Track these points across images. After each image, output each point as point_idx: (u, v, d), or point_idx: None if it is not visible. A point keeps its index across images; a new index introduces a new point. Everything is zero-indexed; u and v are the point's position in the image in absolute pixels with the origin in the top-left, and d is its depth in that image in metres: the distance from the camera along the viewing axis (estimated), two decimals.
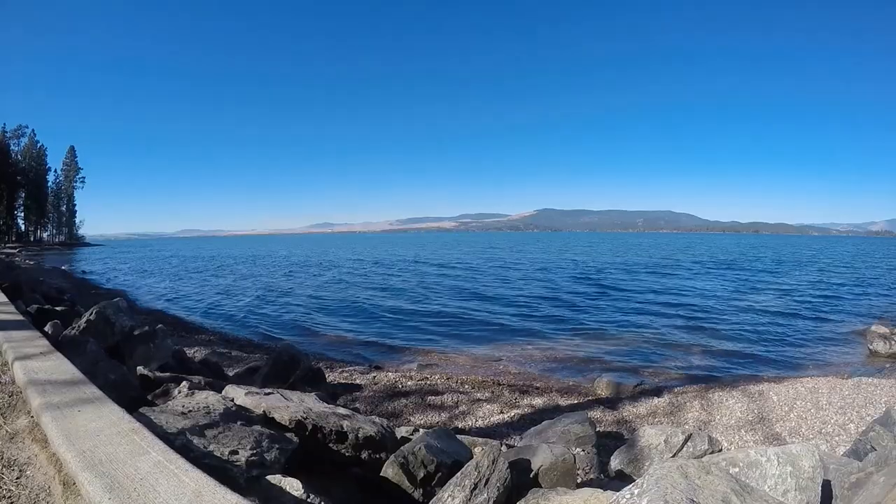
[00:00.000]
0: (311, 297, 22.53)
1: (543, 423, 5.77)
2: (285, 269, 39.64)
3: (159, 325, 6.99)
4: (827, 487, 3.02)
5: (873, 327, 13.64)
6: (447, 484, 2.82)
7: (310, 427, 3.21)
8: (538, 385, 9.30)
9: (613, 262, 45.79)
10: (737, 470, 2.98)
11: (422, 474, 3.02)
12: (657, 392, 8.85)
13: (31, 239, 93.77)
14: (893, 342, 12.08)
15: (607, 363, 11.03)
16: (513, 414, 7.49)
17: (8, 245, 71.31)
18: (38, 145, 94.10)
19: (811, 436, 6.62)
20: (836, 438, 6.46)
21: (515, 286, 25.70)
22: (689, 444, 4.41)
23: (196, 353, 10.19)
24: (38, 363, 3.74)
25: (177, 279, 32.97)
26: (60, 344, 4.82)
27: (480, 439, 4.91)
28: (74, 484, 2.25)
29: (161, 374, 4.86)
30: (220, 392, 3.74)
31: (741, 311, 18.17)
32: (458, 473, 2.83)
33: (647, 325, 15.28)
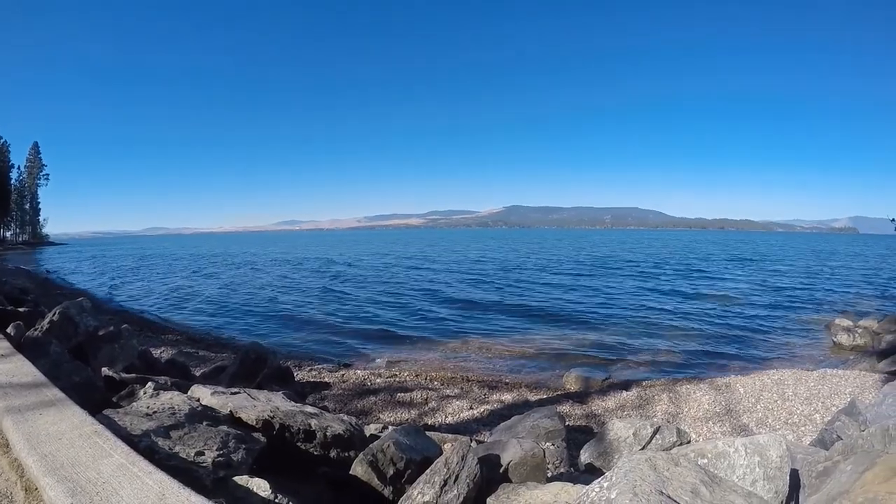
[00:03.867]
0: (276, 295, 22.31)
1: (513, 418, 5.82)
2: (249, 267, 39.22)
3: (125, 325, 6.81)
4: (795, 476, 3.08)
5: (837, 320, 14.08)
6: (417, 481, 2.81)
7: (277, 426, 3.18)
8: (507, 381, 9.37)
9: (580, 258, 46.40)
10: (705, 461, 3.03)
11: (391, 472, 3.01)
12: (626, 386, 8.99)
13: None
14: (856, 335, 12.53)
15: (576, 358, 11.17)
16: (482, 410, 7.53)
17: None
18: (1, 141, 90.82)
19: (778, 426, 6.81)
20: (803, 428, 6.66)
21: (481, 283, 25.90)
22: (657, 436, 4.49)
23: (163, 353, 10.00)
24: None
25: (141, 278, 32.26)
26: (23, 346, 4.69)
27: (450, 435, 4.93)
28: (37, 489, 2.22)
29: (126, 376, 4.73)
30: (187, 392, 3.68)
31: (707, 306, 18.64)
32: (428, 470, 2.83)
33: (615, 321, 15.56)
